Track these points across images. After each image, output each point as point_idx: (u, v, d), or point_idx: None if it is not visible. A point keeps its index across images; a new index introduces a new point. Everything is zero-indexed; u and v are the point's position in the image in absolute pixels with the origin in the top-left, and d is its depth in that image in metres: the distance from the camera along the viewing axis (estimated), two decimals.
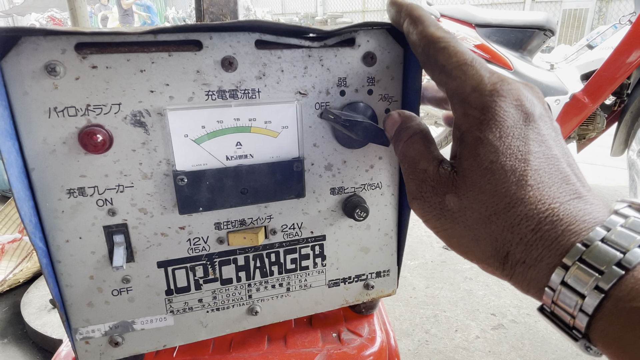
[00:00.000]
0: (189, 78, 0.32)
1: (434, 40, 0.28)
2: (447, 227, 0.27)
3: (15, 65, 0.28)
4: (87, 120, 0.30)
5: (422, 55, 0.29)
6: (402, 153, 0.30)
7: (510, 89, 0.26)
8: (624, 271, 0.20)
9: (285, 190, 0.36)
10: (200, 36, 0.31)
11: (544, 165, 0.25)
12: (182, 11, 11.37)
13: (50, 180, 0.31)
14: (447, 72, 0.27)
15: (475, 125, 0.26)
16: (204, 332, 0.39)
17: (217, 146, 0.34)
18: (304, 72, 0.34)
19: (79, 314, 0.35)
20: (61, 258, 0.33)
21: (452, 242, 0.28)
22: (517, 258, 0.24)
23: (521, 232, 0.24)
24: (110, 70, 0.30)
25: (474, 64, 0.26)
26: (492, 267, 0.26)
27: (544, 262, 0.23)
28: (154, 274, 0.36)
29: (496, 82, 0.26)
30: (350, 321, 0.48)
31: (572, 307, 0.22)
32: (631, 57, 1.88)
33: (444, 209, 0.27)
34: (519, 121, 0.25)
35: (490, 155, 0.25)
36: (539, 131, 0.25)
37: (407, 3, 0.30)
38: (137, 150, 0.32)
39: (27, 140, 0.30)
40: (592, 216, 0.23)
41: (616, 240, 0.21)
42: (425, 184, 0.28)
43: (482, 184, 0.25)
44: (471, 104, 0.26)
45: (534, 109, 0.26)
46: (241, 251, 0.38)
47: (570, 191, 0.24)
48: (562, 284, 0.22)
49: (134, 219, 0.34)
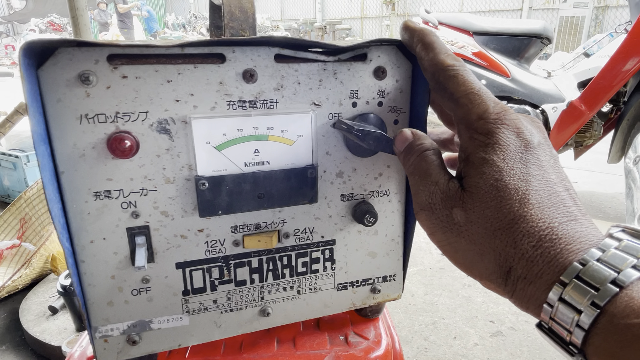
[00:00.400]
0: (212, 89, 0.33)
1: (443, 67, 0.30)
2: (452, 240, 0.29)
3: (51, 74, 0.30)
4: (115, 126, 0.32)
5: (432, 81, 0.31)
6: (413, 165, 0.31)
7: (512, 119, 0.28)
8: (618, 289, 0.22)
9: (299, 196, 0.38)
10: (223, 50, 0.33)
11: (543, 187, 0.27)
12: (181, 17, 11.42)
13: (79, 183, 0.32)
14: (455, 100, 0.29)
15: (480, 147, 0.28)
16: (218, 332, 0.41)
17: (237, 153, 0.35)
18: (319, 85, 0.36)
19: (99, 312, 0.36)
20: (85, 258, 0.34)
21: (457, 256, 0.29)
22: (519, 274, 0.25)
23: (523, 248, 0.25)
24: (140, 80, 0.32)
25: (480, 94, 0.29)
26: (494, 284, 0.27)
27: (543, 278, 0.24)
28: (173, 274, 0.37)
29: (500, 111, 0.28)
30: (357, 324, 0.50)
31: (569, 322, 0.23)
32: (627, 65, 1.91)
33: (450, 222, 0.28)
34: (519, 147, 0.27)
35: (495, 174, 0.27)
36: (538, 157, 0.28)
37: (419, 28, 0.32)
38: (161, 155, 0.34)
39: (58, 144, 0.31)
40: (587, 238, 0.25)
41: (610, 260, 0.23)
42: (435, 196, 0.29)
43: (487, 200, 0.27)
44: (477, 129, 0.28)
45: (532, 138, 0.28)
46: (255, 254, 0.39)
47: (567, 213, 0.26)
48: (559, 300, 0.23)
49: (155, 221, 0.35)
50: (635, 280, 0.22)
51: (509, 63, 2.52)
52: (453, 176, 0.30)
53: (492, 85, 2.49)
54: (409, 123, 0.40)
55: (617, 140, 2.12)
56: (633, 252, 0.23)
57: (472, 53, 2.59)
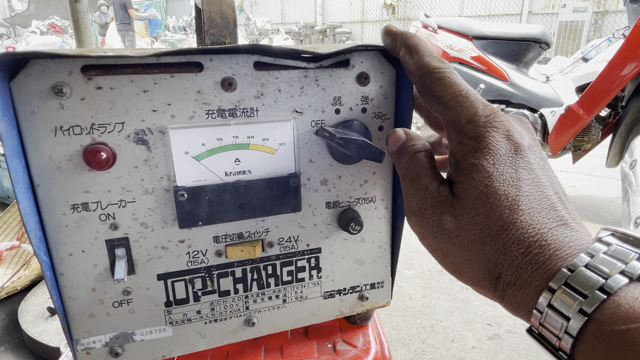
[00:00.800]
0: (190, 98, 0.33)
1: (429, 70, 0.29)
2: (442, 246, 0.28)
3: (23, 86, 0.29)
4: (91, 138, 0.32)
5: (418, 85, 0.30)
6: (404, 168, 0.31)
7: (501, 121, 0.27)
8: (605, 296, 0.22)
9: (282, 205, 0.38)
10: (201, 58, 0.32)
11: (534, 192, 0.26)
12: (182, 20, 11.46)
13: (55, 195, 0.32)
14: (443, 103, 0.29)
15: (470, 152, 0.27)
16: (202, 342, 0.40)
17: (217, 162, 0.35)
18: (300, 92, 0.36)
19: (80, 325, 0.36)
20: (64, 271, 0.34)
21: (447, 261, 0.29)
22: (508, 280, 0.25)
23: (512, 255, 0.25)
24: (115, 91, 0.31)
25: (468, 96, 0.28)
26: (484, 289, 0.27)
27: (532, 284, 0.24)
28: (154, 286, 0.37)
29: (489, 114, 0.28)
30: (345, 332, 0.49)
31: (558, 329, 0.23)
32: (625, 70, 1.91)
33: (440, 228, 0.28)
34: (509, 151, 0.27)
35: (484, 180, 0.26)
36: (528, 160, 0.27)
37: (401, 32, 0.32)
38: (139, 166, 0.33)
39: (33, 157, 0.31)
40: (577, 243, 0.24)
41: (599, 266, 0.23)
42: (425, 201, 0.29)
43: (477, 207, 0.26)
44: (466, 134, 0.27)
45: (522, 140, 0.27)
46: (239, 264, 0.39)
47: (557, 218, 0.25)
48: (548, 307, 0.23)
49: (135, 233, 0.35)
50: (623, 286, 0.22)
51: (507, 67, 2.53)
52: (444, 180, 0.29)
53: (491, 90, 2.49)
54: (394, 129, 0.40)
55: (615, 145, 2.12)
56: (621, 257, 0.23)
57: (471, 57, 2.59)
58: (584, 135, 2.30)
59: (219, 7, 0.34)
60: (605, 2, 8.16)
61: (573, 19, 7.51)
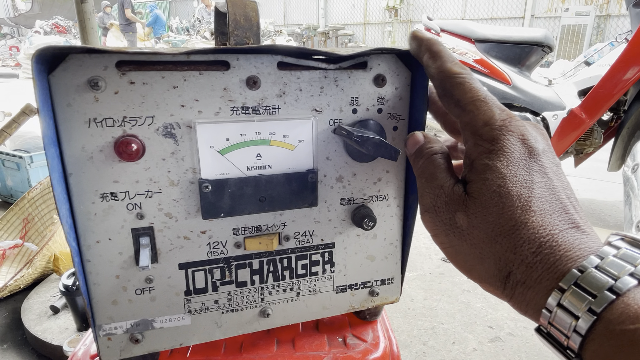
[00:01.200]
0: (216, 95, 0.35)
1: (451, 75, 0.30)
2: (454, 243, 0.29)
3: (61, 79, 0.31)
4: (123, 130, 0.33)
5: (439, 88, 0.31)
6: (421, 168, 0.32)
7: (517, 126, 0.29)
8: (615, 296, 0.22)
9: (299, 200, 0.39)
10: (228, 57, 0.34)
11: (546, 194, 0.27)
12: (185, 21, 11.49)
13: (86, 184, 0.33)
14: (462, 107, 0.30)
15: (485, 154, 0.28)
16: (219, 332, 0.42)
17: (239, 157, 0.36)
18: (320, 92, 0.37)
19: (103, 311, 0.37)
20: (91, 257, 0.35)
21: (458, 259, 0.30)
22: (518, 278, 0.26)
23: (523, 254, 0.26)
24: (147, 86, 0.33)
25: (486, 100, 0.29)
26: (493, 287, 0.28)
27: (542, 284, 0.25)
28: (175, 275, 0.38)
29: (505, 118, 0.29)
30: (355, 327, 0.50)
31: (567, 328, 0.24)
32: (627, 74, 1.92)
33: (453, 226, 0.29)
34: (524, 154, 0.28)
35: (498, 181, 0.27)
36: (542, 164, 0.28)
37: (427, 37, 0.33)
38: (166, 159, 0.35)
39: (67, 147, 0.32)
40: (587, 245, 0.25)
41: (608, 268, 0.23)
42: (439, 199, 0.30)
43: (489, 206, 0.27)
44: (482, 136, 0.29)
45: (537, 145, 0.29)
46: (256, 256, 0.40)
47: (569, 220, 0.26)
48: (558, 306, 0.24)
49: (160, 223, 0.36)
50: (632, 287, 0.22)
51: (510, 71, 2.54)
52: (459, 180, 0.30)
53: (494, 93, 2.50)
54: (407, 129, 0.41)
55: (617, 149, 2.13)
56: (630, 260, 0.23)
57: (473, 60, 2.60)
58: (586, 139, 2.31)
59: (243, 10, 0.36)
60: (608, 6, 8.18)
61: (575, 23, 7.54)
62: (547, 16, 9.07)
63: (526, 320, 1.51)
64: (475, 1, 9.85)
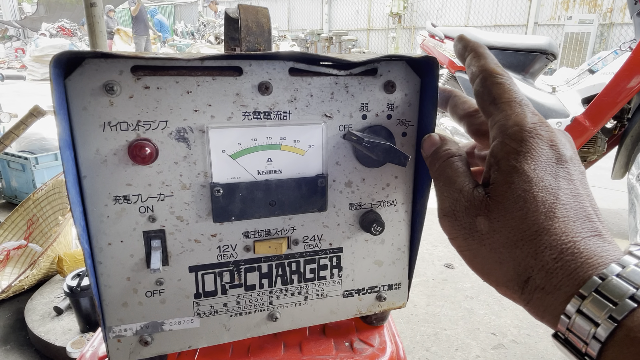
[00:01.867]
0: (229, 100, 0.35)
1: (493, 74, 0.31)
2: (473, 247, 0.29)
3: (78, 84, 0.32)
4: (136, 134, 0.34)
5: (478, 85, 0.32)
6: (438, 171, 0.32)
7: (547, 131, 0.29)
8: (636, 304, 0.22)
9: (309, 204, 0.39)
10: (241, 63, 0.35)
11: (571, 201, 0.27)
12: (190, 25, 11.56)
13: (100, 187, 0.34)
14: (497, 105, 0.30)
15: (512, 154, 0.28)
16: (227, 335, 0.42)
17: (250, 161, 0.37)
18: (330, 97, 0.38)
19: (114, 313, 0.37)
20: (103, 259, 0.36)
21: (475, 262, 0.30)
22: (537, 284, 0.26)
23: (544, 260, 0.26)
24: (161, 91, 0.33)
25: (522, 104, 0.30)
26: (510, 291, 0.28)
27: (562, 290, 0.25)
28: (185, 277, 0.38)
29: (537, 122, 0.29)
30: (362, 332, 0.51)
31: (586, 334, 0.24)
32: (631, 83, 1.93)
33: (473, 230, 0.29)
34: (551, 159, 0.28)
35: (523, 185, 0.27)
36: (569, 171, 0.28)
37: (473, 40, 0.34)
38: (179, 162, 0.35)
39: (82, 150, 0.33)
40: (608, 254, 0.25)
41: (630, 277, 0.23)
42: (458, 203, 0.30)
43: (513, 210, 0.27)
44: (511, 135, 0.29)
45: (565, 151, 0.29)
46: (265, 259, 0.41)
47: (592, 228, 0.26)
48: (577, 312, 0.24)
49: (171, 226, 0.36)
50: None
51: (514, 78, 2.54)
52: (478, 184, 0.30)
53: None
54: (416, 135, 0.41)
55: (620, 156, 2.13)
56: None
57: None
58: (590, 147, 2.31)
59: (255, 16, 0.36)
60: (612, 15, 8.20)
61: (579, 31, 7.54)
62: (551, 24, 9.09)
63: (529, 327, 1.50)
64: (478, 8, 9.89)
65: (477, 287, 1.73)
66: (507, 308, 1.61)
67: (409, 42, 10.91)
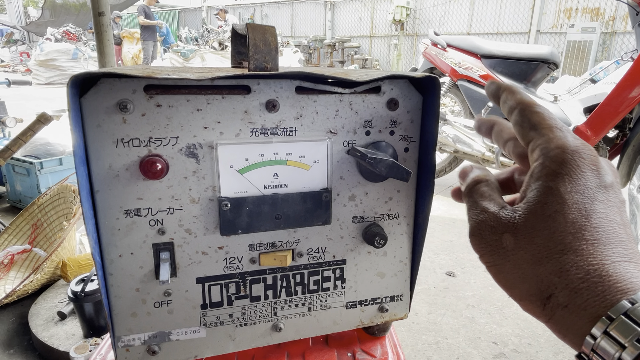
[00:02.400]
0: (237, 117, 0.36)
1: (530, 104, 0.32)
2: (498, 262, 0.30)
3: (92, 102, 0.33)
4: (148, 150, 0.35)
5: (517, 115, 0.33)
6: (466, 195, 0.33)
7: (590, 154, 0.29)
8: None
9: (314, 217, 0.40)
10: (249, 82, 0.36)
11: (604, 225, 0.27)
12: (194, 31, 11.64)
13: (112, 201, 0.35)
14: (538, 130, 0.30)
15: (550, 176, 0.28)
16: (232, 345, 0.43)
17: (257, 176, 0.38)
18: (335, 114, 0.39)
19: (123, 323, 0.38)
20: (113, 271, 0.37)
21: (500, 277, 0.30)
22: (560, 302, 0.26)
23: (568, 279, 0.26)
24: (172, 109, 0.35)
25: (562, 129, 0.30)
26: (532, 306, 0.28)
27: (587, 310, 0.25)
28: (193, 288, 0.39)
29: (579, 145, 0.29)
30: (364, 342, 0.51)
31: (610, 357, 0.24)
32: (633, 93, 1.94)
33: (499, 247, 0.29)
34: (591, 183, 0.28)
35: (556, 206, 0.27)
36: (608, 197, 0.28)
37: (504, 83, 0.35)
38: (188, 177, 0.36)
39: (95, 165, 0.34)
40: (639, 280, 0.25)
41: None
42: (484, 224, 0.30)
43: (540, 229, 0.28)
44: (552, 157, 0.29)
45: (606, 177, 0.29)
46: (270, 271, 0.42)
47: (624, 254, 0.26)
48: (604, 334, 0.24)
49: (180, 238, 0.38)
50: None
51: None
52: (507, 205, 0.31)
53: (499, 109, 2.50)
54: (418, 151, 0.42)
55: (622, 166, 2.13)
56: None
57: (479, 75, 2.63)
58: None
59: (263, 35, 0.38)
60: (614, 23, 8.23)
61: (581, 39, 7.57)
62: (553, 32, 9.13)
63: (531, 337, 1.50)
64: (481, 16, 9.93)
65: (479, 296, 1.73)
66: (509, 317, 1.61)
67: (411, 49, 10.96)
